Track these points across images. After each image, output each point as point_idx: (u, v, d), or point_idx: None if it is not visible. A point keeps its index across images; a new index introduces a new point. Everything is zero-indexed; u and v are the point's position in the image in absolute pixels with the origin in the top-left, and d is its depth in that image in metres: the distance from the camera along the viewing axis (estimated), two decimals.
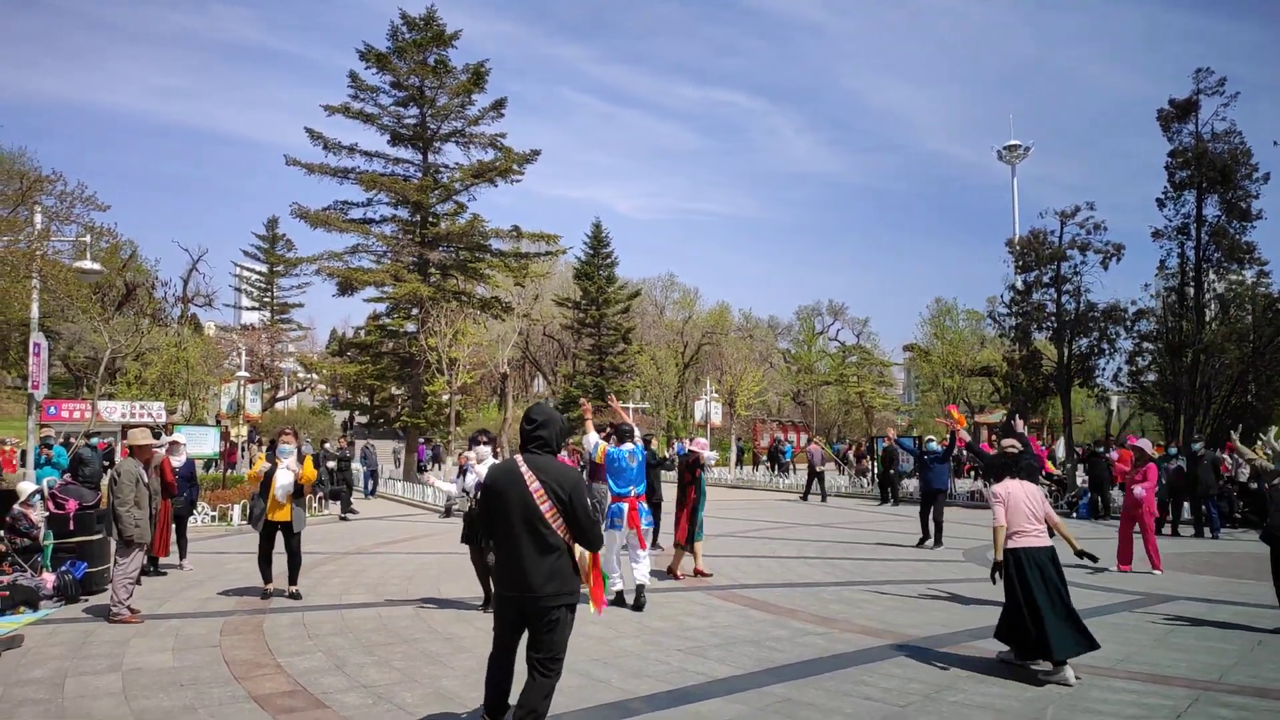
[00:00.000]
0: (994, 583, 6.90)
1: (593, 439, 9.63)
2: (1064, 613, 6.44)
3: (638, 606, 9.01)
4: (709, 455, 11.46)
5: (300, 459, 9.55)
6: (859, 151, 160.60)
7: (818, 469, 26.64)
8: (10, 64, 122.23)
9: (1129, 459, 12.72)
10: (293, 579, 9.49)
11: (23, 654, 6.98)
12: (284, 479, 9.20)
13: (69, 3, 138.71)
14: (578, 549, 4.65)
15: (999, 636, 6.95)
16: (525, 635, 4.63)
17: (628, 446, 9.59)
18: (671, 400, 58.43)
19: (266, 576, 9.43)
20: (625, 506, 9.34)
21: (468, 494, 9.01)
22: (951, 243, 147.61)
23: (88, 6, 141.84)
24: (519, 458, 4.67)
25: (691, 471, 11.19)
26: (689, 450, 11.62)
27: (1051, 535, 6.80)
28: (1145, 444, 12.66)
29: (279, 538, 9.38)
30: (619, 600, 9.20)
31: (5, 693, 5.87)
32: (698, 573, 11.16)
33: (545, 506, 4.47)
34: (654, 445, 16.08)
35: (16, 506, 10.03)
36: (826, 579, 11.36)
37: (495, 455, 9.26)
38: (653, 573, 9.96)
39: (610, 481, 9.51)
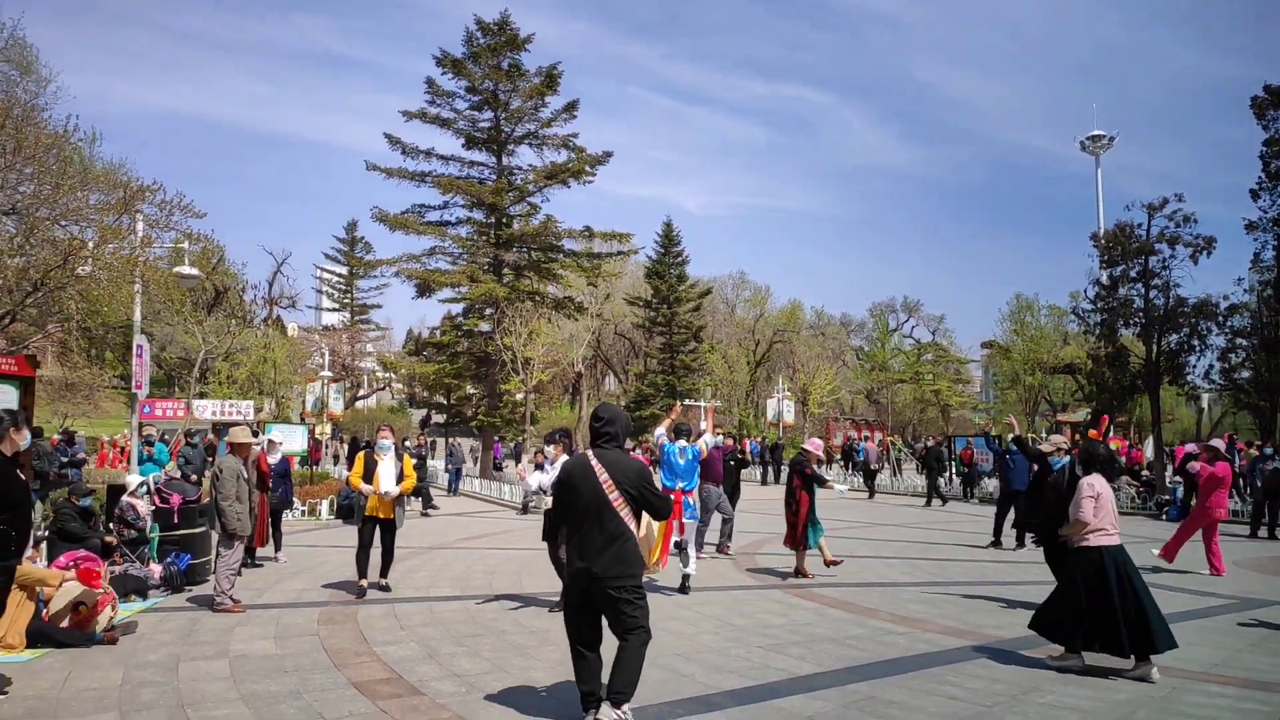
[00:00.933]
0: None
1: (660, 431, 10.44)
2: (1135, 611, 6.38)
3: (683, 590, 9.87)
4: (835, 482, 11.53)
5: (399, 455, 9.85)
6: (933, 143, 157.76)
7: (872, 466, 27.33)
8: (113, 76, 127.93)
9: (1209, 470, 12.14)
10: (384, 572, 9.80)
11: (138, 639, 7.41)
12: (387, 483, 9.49)
13: (164, 17, 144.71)
14: (643, 528, 5.15)
15: (1046, 629, 6.86)
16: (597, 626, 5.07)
17: (681, 443, 10.25)
18: (743, 399, 58.21)
19: (363, 571, 9.60)
20: (670, 499, 9.75)
21: (544, 491, 9.21)
22: (1032, 236, 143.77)
23: (181, 20, 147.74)
24: (590, 453, 5.15)
25: (802, 474, 11.17)
26: (803, 450, 11.68)
27: None
28: (1218, 442, 12.31)
29: (376, 533, 9.69)
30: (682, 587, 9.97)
31: (127, 674, 6.26)
32: (799, 572, 11.17)
33: (614, 496, 4.95)
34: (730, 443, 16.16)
35: (125, 497, 10.59)
36: (905, 579, 11.28)
37: (569, 453, 9.45)
38: (780, 573, 11.25)
39: (661, 474, 10.10)
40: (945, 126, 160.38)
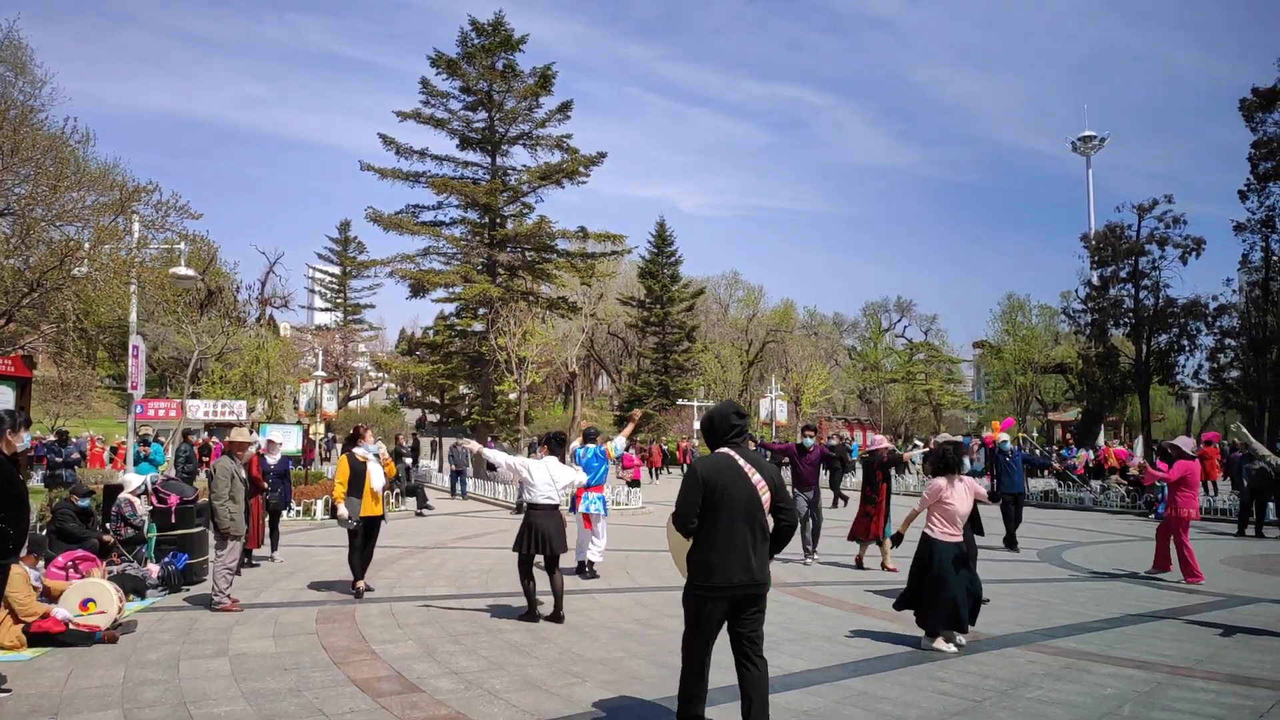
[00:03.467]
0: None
1: (620, 441, 11.66)
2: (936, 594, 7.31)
3: (580, 573, 10.95)
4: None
5: (377, 457, 9.87)
6: (927, 144, 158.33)
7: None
8: (107, 76, 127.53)
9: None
10: (362, 574, 9.64)
11: (137, 638, 7.47)
12: (377, 477, 9.56)
13: (164, 18, 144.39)
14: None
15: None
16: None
17: (590, 447, 11.37)
18: (736, 398, 58.36)
19: (359, 573, 9.54)
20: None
21: (497, 468, 9.14)
22: (1024, 237, 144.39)
23: (182, 21, 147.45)
24: (731, 451, 4.74)
25: (885, 470, 12.04)
26: (873, 450, 12.27)
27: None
28: (1186, 442, 11.96)
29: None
30: (580, 569, 11.02)
31: (129, 673, 6.33)
32: (886, 567, 11.90)
33: (765, 498, 4.67)
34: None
35: (123, 494, 10.62)
36: (898, 578, 11.37)
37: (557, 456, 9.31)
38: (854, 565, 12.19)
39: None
40: (940, 128, 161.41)
